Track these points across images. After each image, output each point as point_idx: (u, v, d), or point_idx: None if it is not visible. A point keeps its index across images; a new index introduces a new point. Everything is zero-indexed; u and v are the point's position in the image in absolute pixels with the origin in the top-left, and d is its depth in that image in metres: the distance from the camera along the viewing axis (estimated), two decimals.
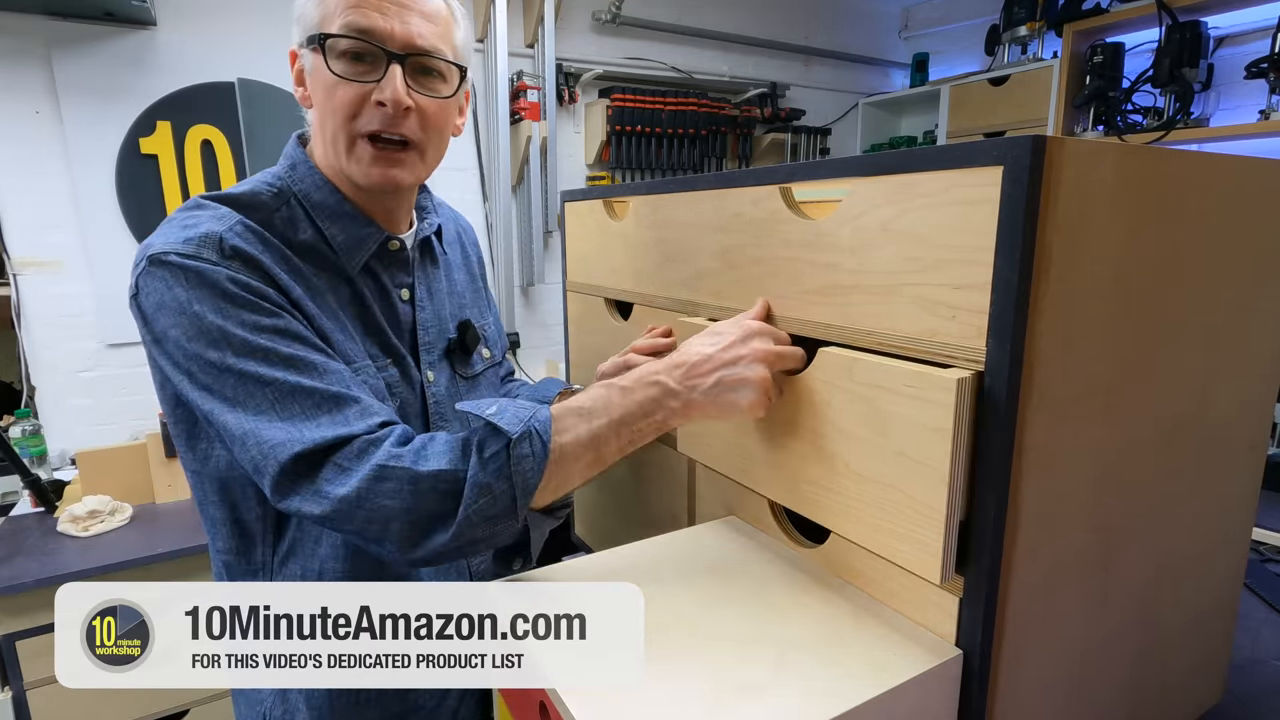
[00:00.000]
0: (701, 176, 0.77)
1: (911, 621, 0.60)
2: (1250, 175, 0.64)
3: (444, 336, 0.85)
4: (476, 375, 0.88)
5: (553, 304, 2.85)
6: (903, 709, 0.54)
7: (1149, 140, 2.27)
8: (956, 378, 0.49)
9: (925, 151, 0.52)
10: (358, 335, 0.75)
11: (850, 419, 0.58)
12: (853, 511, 0.59)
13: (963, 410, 0.49)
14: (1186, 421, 0.66)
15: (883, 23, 3.60)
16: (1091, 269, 0.52)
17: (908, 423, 0.53)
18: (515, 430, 0.61)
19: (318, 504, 0.60)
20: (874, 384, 0.55)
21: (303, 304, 0.68)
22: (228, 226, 0.67)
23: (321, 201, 0.74)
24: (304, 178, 0.75)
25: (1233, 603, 0.81)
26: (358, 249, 0.76)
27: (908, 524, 0.54)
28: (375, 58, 0.69)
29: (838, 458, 0.60)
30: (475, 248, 1.00)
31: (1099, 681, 0.66)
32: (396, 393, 0.77)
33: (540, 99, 2.57)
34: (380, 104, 0.69)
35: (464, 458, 0.61)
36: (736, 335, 0.64)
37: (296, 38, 0.73)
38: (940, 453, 0.50)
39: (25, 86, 1.91)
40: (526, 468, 0.61)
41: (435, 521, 0.61)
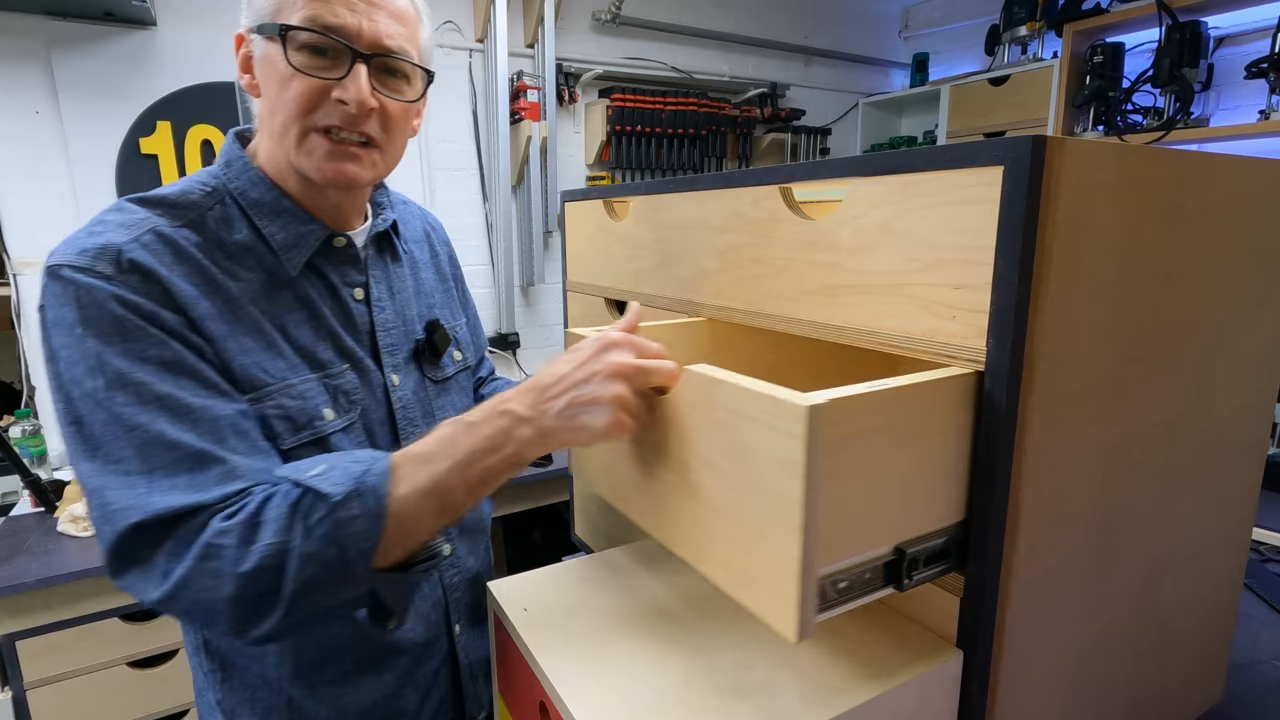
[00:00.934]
0: (701, 176, 0.77)
1: (911, 621, 0.60)
2: (1250, 175, 0.64)
3: (410, 338, 0.81)
4: (448, 378, 0.84)
5: (553, 304, 2.85)
6: (903, 709, 0.54)
7: (1149, 140, 2.27)
8: (808, 404, 0.42)
9: (925, 151, 0.52)
10: (304, 342, 0.70)
11: (713, 447, 0.51)
12: (716, 551, 0.53)
13: (816, 444, 0.43)
14: (1186, 421, 0.66)
15: (883, 23, 3.60)
16: (1092, 268, 0.52)
17: (764, 454, 0.46)
18: (338, 492, 0.56)
19: (153, 586, 0.56)
20: (733, 409, 0.48)
21: (205, 324, 0.63)
22: (133, 236, 0.62)
23: (258, 199, 0.70)
24: (239, 174, 0.71)
25: (1233, 603, 0.81)
26: (297, 247, 0.71)
27: (764, 570, 0.48)
28: (339, 54, 0.66)
29: (702, 490, 0.53)
30: (446, 246, 0.96)
31: (1099, 681, 0.66)
32: (356, 399, 0.73)
33: (540, 99, 2.57)
34: (342, 102, 0.66)
35: (289, 528, 0.56)
36: (591, 350, 0.58)
37: (247, 21, 0.69)
38: (791, 491, 0.44)
39: (25, 86, 1.91)
40: (357, 529, 0.56)
41: (264, 600, 0.55)
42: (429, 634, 0.78)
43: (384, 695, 0.75)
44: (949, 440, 0.51)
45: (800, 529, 0.44)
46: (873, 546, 0.50)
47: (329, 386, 0.71)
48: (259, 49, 0.68)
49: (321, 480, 0.57)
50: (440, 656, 0.81)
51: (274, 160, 0.71)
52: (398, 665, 0.76)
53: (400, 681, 0.77)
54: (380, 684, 0.75)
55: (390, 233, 0.82)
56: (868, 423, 0.46)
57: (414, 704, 0.79)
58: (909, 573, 0.51)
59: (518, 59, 2.61)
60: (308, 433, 0.68)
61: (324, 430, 0.69)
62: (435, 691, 0.81)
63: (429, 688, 0.80)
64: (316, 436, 0.68)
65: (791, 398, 0.44)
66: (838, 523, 0.47)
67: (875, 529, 0.49)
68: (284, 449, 0.66)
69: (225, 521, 0.56)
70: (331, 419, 0.69)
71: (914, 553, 0.51)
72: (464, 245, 2.64)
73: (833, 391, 0.45)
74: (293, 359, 0.69)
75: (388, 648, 0.75)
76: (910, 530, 0.51)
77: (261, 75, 0.68)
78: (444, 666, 0.82)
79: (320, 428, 0.68)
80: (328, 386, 0.71)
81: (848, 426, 0.45)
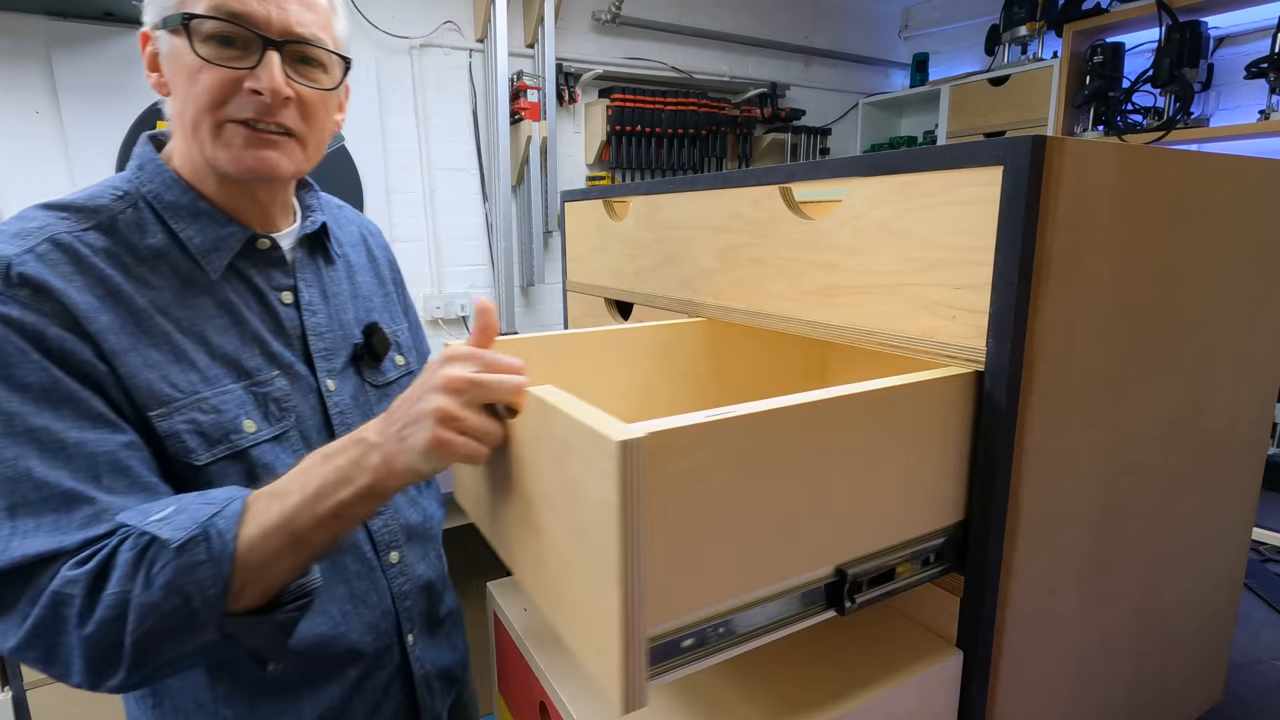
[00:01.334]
0: (701, 176, 0.77)
1: (911, 621, 0.60)
2: (1250, 175, 0.64)
3: (347, 342, 0.77)
4: (390, 383, 0.81)
5: (553, 304, 2.85)
6: (903, 709, 0.54)
7: (1149, 140, 2.27)
8: (621, 440, 0.37)
9: (925, 151, 0.52)
10: (228, 349, 0.67)
11: (550, 481, 0.46)
12: (559, 600, 0.48)
13: (633, 477, 0.37)
14: (1186, 421, 0.66)
15: (883, 23, 3.60)
16: (1091, 269, 0.52)
17: (587, 494, 0.41)
18: (178, 538, 0.53)
19: (10, 633, 0.53)
20: (564, 439, 0.43)
21: (104, 339, 0.60)
22: (27, 247, 0.59)
23: (174, 201, 0.67)
24: (153, 177, 0.68)
25: (1233, 603, 0.81)
26: (217, 251, 0.68)
27: (587, 620, 0.43)
28: (249, 43, 0.63)
29: (543, 529, 0.48)
30: (385, 250, 0.92)
31: (1099, 681, 0.66)
32: (289, 406, 0.70)
33: (540, 99, 2.57)
34: (255, 92, 0.63)
35: (132, 576, 0.53)
36: (432, 366, 0.54)
37: (150, 18, 0.65)
38: (608, 533, 0.38)
39: (25, 86, 1.91)
40: (201, 577, 0.52)
41: (111, 652, 0.53)
42: (378, 644, 0.75)
43: (329, 710, 0.72)
44: (944, 440, 0.51)
45: (620, 581, 0.38)
46: (766, 582, 0.45)
47: (257, 395, 0.68)
48: (164, 45, 0.65)
49: (163, 526, 0.54)
50: (392, 668, 0.77)
51: (190, 161, 0.68)
52: (345, 678, 0.73)
53: (347, 695, 0.73)
54: (325, 698, 0.72)
55: (321, 235, 0.79)
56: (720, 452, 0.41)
57: (362, 718, 0.75)
58: (851, 594, 0.48)
59: (518, 59, 2.61)
60: (223, 447, 0.64)
61: (242, 444, 0.65)
62: (386, 705, 0.77)
63: (379, 701, 0.76)
64: (234, 450, 0.65)
65: (606, 428, 0.38)
66: (694, 568, 0.41)
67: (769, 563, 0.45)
68: (199, 464, 0.63)
69: (75, 570, 0.53)
70: (253, 431, 0.66)
71: (857, 573, 0.48)
72: (464, 245, 2.65)
73: (666, 421, 0.40)
74: (209, 370, 0.65)
75: (333, 659, 0.71)
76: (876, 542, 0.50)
77: (169, 71, 0.66)
78: (396, 679, 0.78)
79: (238, 441, 0.65)
80: (256, 395, 0.68)
81: (690, 460, 0.40)
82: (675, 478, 0.40)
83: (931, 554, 0.53)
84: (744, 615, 0.45)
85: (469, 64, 2.55)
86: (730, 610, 0.45)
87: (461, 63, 2.54)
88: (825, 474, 0.46)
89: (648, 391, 0.79)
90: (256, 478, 0.65)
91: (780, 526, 0.45)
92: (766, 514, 0.44)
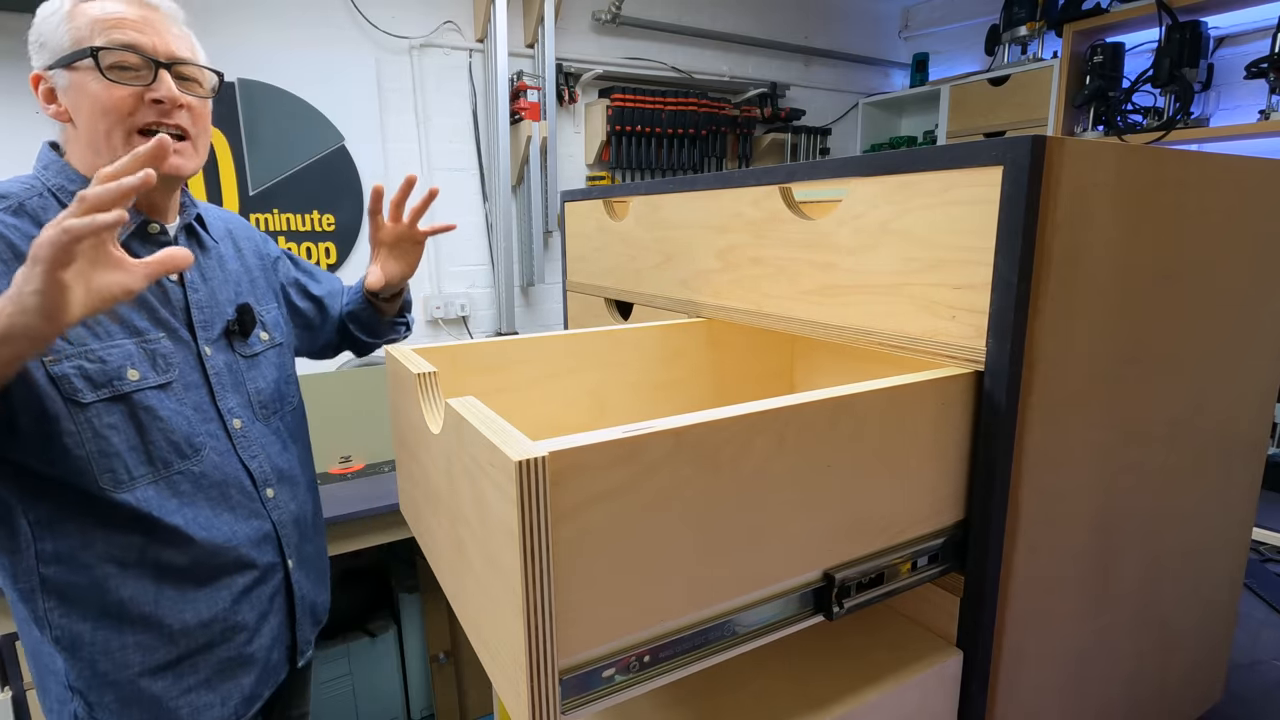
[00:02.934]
0: (701, 176, 0.77)
1: (911, 621, 0.60)
2: (1250, 175, 0.64)
3: (221, 317, 0.92)
4: (256, 355, 0.95)
5: (553, 304, 2.85)
6: (903, 709, 0.54)
7: (1149, 140, 2.27)
8: (519, 459, 0.34)
9: (925, 151, 0.52)
10: (122, 312, 0.80)
11: (465, 499, 0.45)
12: (476, 619, 0.46)
13: (535, 505, 0.35)
14: (1186, 421, 0.66)
15: (883, 23, 3.60)
16: (1092, 269, 0.52)
17: (493, 515, 0.39)
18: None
19: None
20: (475, 456, 0.41)
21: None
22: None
23: (76, 191, 0.77)
24: (58, 173, 0.84)
25: (1233, 603, 0.81)
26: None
27: (501, 651, 0.40)
28: (142, 67, 0.79)
29: (464, 547, 0.47)
30: (250, 241, 1.05)
31: (1099, 681, 0.66)
32: (174, 362, 0.84)
33: (540, 99, 2.57)
34: (156, 101, 0.79)
35: None
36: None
37: (42, 61, 0.82)
38: (510, 561, 0.36)
39: (25, 86, 1.91)
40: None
41: None
42: (264, 560, 0.90)
43: (223, 609, 0.86)
44: (944, 441, 0.51)
45: (521, 609, 0.35)
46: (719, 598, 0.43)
47: (144, 350, 0.81)
48: (63, 80, 0.81)
49: None
50: (276, 583, 0.93)
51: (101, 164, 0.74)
52: (236, 584, 0.87)
53: (238, 598, 0.87)
54: (220, 598, 0.86)
55: (196, 226, 0.94)
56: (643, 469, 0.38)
57: (251, 620, 0.89)
58: (839, 599, 0.48)
59: (518, 59, 2.61)
60: (106, 390, 0.77)
61: (124, 389, 0.78)
62: (273, 616, 0.93)
63: (265, 611, 0.91)
64: (116, 394, 0.77)
65: (508, 446, 0.35)
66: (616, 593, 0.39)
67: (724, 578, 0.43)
68: (85, 402, 0.75)
69: None
70: (136, 379, 0.79)
71: (847, 577, 0.48)
72: (464, 245, 2.65)
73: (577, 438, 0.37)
74: (100, 326, 0.78)
75: (229, 565, 0.86)
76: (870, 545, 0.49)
77: (73, 100, 0.81)
78: (280, 594, 0.94)
79: (120, 386, 0.78)
80: (145, 350, 0.81)
81: (605, 479, 0.37)
82: (589, 498, 0.37)
83: (931, 554, 0.53)
84: (697, 632, 0.43)
85: (469, 64, 2.55)
86: (677, 630, 0.42)
87: (461, 63, 2.54)
88: (805, 481, 0.45)
89: (646, 392, 0.79)
90: (139, 419, 0.79)
91: (731, 540, 0.42)
92: (712, 530, 0.41)
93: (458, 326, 2.67)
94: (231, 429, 0.89)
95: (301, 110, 2.23)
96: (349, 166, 2.37)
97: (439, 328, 2.63)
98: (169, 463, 0.82)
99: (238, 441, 0.89)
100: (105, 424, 0.77)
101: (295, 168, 2.26)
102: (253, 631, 0.90)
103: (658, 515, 0.40)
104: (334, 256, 2.39)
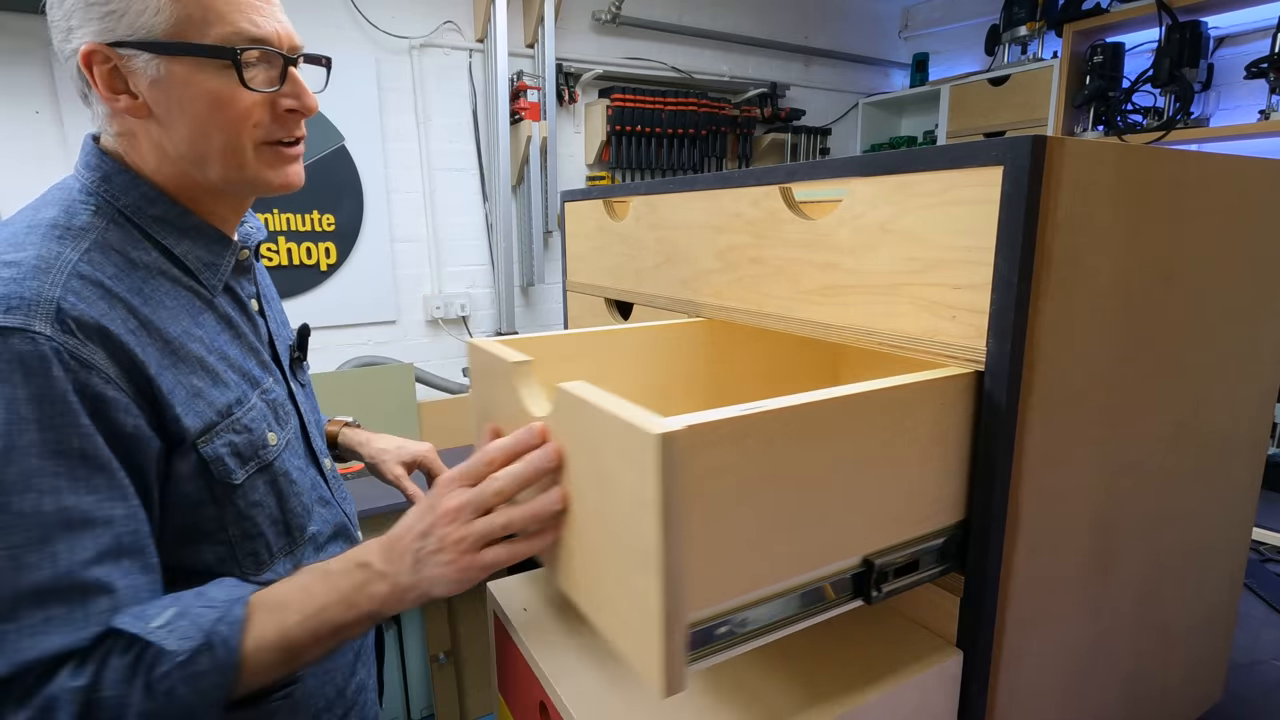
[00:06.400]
0: (701, 176, 0.77)
1: (911, 621, 0.60)
2: (1250, 175, 0.64)
3: (286, 344, 0.78)
4: (307, 384, 0.82)
5: (553, 304, 2.85)
6: (903, 709, 0.54)
7: (1149, 140, 2.27)
8: (661, 433, 0.37)
9: (925, 151, 0.52)
10: (239, 361, 0.66)
11: (582, 475, 0.48)
12: (592, 591, 0.49)
13: (673, 478, 0.38)
14: (1186, 421, 0.66)
15: (883, 23, 3.60)
16: (1092, 269, 0.52)
17: (623, 487, 0.42)
18: (185, 648, 0.51)
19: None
20: (597, 433, 0.44)
21: (159, 382, 0.57)
22: (62, 281, 0.53)
23: (161, 215, 0.63)
24: (127, 190, 0.62)
25: (1233, 603, 0.81)
26: (214, 267, 0.66)
27: (630, 614, 0.44)
28: (271, 63, 0.62)
29: (574, 521, 0.50)
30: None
31: (1099, 681, 0.66)
32: (289, 411, 0.71)
33: (540, 99, 2.57)
34: (291, 111, 0.64)
35: (129, 680, 0.51)
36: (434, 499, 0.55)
37: (112, 34, 0.57)
38: (648, 530, 0.39)
39: (25, 86, 1.91)
40: (206, 685, 0.52)
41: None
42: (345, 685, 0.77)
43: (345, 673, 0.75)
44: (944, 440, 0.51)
45: (659, 570, 0.39)
46: (797, 571, 0.46)
47: (268, 403, 0.67)
48: (152, 67, 0.58)
49: (168, 635, 0.52)
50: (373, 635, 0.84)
51: (181, 177, 0.64)
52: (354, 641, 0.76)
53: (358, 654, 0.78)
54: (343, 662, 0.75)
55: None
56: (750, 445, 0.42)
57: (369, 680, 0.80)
58: (878, 584, 0.49)
59: (518, 59, 2.61)
60: (254, 463, 0.64)
61: (269, 457, 0.65)
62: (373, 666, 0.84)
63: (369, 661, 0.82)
64: (262, 465, 0.65)
65: (644, 423, 0.38)
66: (727, 557, 0.42)
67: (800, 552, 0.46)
68: (237, 483, 0.62)
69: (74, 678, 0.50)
70: (274, 443, 0.67)
71: (884, 563, 0.49)
72: (464, 245, 2.65)
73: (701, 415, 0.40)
74: (238, 386, 0.64)
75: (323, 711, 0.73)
76: (886, 539, 0.50)
77: (165, 96, 0.59)
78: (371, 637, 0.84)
79: (265, 456, 0.65)
80: (267, 403, 0.67)
81: (723, 452, 0.41)
82: (710, 470, 0.41)
83: (932, 554, 0.53)
84: (774, 604, 0.47)
85: (469, 64, 2.55)
86: (761, 599, 0.46)
87: (461, 63, 2.54)
88: (846, 468, 0.47)
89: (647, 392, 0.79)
90: (279, 489, 0.66)
91: (807, 517, 0.46)
92: (794, 505, 0.45)
93: (458, 326, 2.67)
94: (326, 472, 0.77)
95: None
96: (349, 166, 2.37)
97: (439, 328, 2.63)
98: (303, 527, 0.69)
99: (333, 485, 0.78)
100: (251, 502, 0.64)
101: None
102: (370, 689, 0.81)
103: (757, 488, 0.43)
104: (334, 256, 2.39)
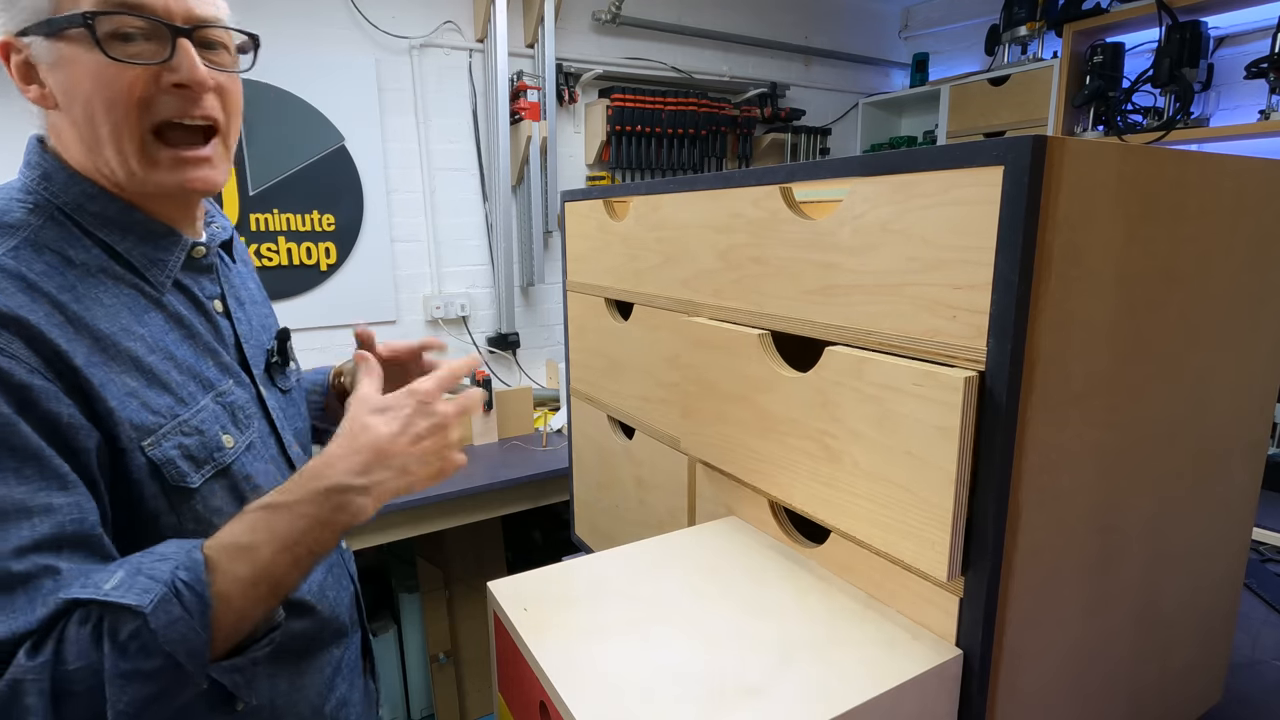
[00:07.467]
0: (701, 176, 0.77)
1: (911, 621, 0.60)
2: (1250, 175, 0.64)
3: (262, 348, 0.75)
4: (290, 389, 0.80)
5: (553, 304, 2.85)
6: (903, 709, 0.54)
7: (1149, 140, 2.27)
8: (964, 376, 0.49)
9: (925, 151, 0.52)
10: (190, 362, 0.64)
11: (858, 419, 0.59)
12: (860, 511, 0.60)
13: (969, 409, 0.50)
14: (1186, 421, 0.66)
15: (883, 23, 3.59)
16: (1091, 269, 0.52)
17: (916, 422, 0.53)
18: (147, 600, 0.50)
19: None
20: (883, 384, 0.55)
21: (87, 374, 0.55)
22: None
23: (100, 212, 0.60)
24: (67, 187, 0.60)
25: (1233, 603, 0.81)
26: (160, 264, 0.63)
27: (915, 523, 0.55)
28: (155, 35, 0.57)
29: (845, 457, 0.60)
30: (241, 248, 0.86)
31: (1099, 681, 0.66)
32: (251, 413, 0.69)
33: (540, 99, 2.57)
34: (178, 85, 0.58)
35: (96, 646, 0.49)
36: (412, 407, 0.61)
37: (11, 23, 0.57)
38: (947, 452, 0.51)
39: None
40: (180, 632, 0.50)
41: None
42: (350, 620, 0.79)
43: (324, 682, 0.74)
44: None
45: (954, 484, 0.51)
46: None
47: (224, 406, 0.65)
48: (45, 51, 0.56)
49: (126, 593, 0.50)
50: (356, 644, 0.81)
51: (105, 171, 0.61)
52: (333, 656, 0.75)
53: (335, 668, 0.76)
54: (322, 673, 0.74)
55: (230, 240, 0.77)
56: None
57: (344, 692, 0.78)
58: None
59: (518, 59, 2.61)
60: (210, 466, 0.62)
61: (225, 460, 0.64)
62: (356, 680, 0.80)
63: (352, 678, 0.79)
64: (219, 468, 0.63)
65: (946, 372, 0.51)
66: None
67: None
68: (194, 487, 0.61)
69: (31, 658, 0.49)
70: (231, 446, 0.65)
71: None
72: (464, 245, 2.65)
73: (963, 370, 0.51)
74: (182, 387, 0.62)
75: (330, 638, 0.75)
76: None
77: (61, 80, 0.57)
78: (359, 655, 0.82)
79: (220, 459, 0.63)
80: (224, 406, 0.65)
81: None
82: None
83: None
84: None
85: (469, 64, 2.55)
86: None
87: (461, 63, 2.54)
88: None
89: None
90: (241, 493, 0.65)
91: None
92: None
93: (458, 326, 2.67)
94: None
95: (301, 110, 2.23)
96: (349, 166, 2.37)
97: (439, 328, 2.63)
98: None
99: None
100: (212, 508, 0.62)
101: (295, 168, 2.26)
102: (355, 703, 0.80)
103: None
104: (334, 256, 2.38)
